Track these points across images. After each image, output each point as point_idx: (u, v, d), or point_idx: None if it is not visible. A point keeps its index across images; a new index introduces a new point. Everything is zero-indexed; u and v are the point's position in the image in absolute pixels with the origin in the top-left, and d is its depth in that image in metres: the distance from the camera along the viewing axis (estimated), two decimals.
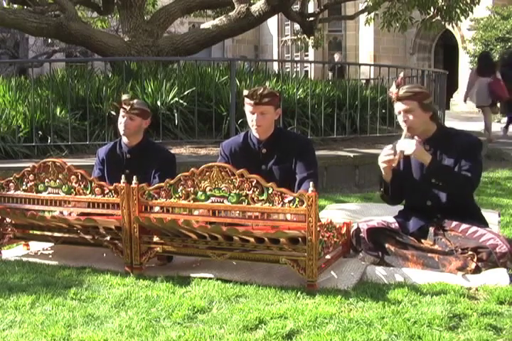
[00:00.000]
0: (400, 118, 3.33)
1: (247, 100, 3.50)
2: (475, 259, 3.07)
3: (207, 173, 3.03)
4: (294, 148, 3.55)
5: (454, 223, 3.29)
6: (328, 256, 3.20)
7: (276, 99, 3.55)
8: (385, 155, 3.29)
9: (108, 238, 3.35)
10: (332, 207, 4.80)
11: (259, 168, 3.47)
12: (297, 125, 6.94)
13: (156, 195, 3.16)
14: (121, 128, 3.84)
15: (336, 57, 13.77)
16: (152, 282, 3.06)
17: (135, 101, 3.86)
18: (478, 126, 10.96)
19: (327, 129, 7.27)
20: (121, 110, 3.83)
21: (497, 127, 12.42)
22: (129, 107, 3.78)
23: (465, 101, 9.88)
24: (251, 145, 3.62)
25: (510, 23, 14.82)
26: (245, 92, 3.51)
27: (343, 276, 3.06)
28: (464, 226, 3.26)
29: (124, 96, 3.87)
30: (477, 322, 2.46)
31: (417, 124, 3.29)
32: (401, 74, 9.12)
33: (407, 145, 3.23)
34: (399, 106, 3.30)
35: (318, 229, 2.90)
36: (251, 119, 3.52)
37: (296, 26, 14.49)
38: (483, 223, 3.39)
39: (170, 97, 6.91)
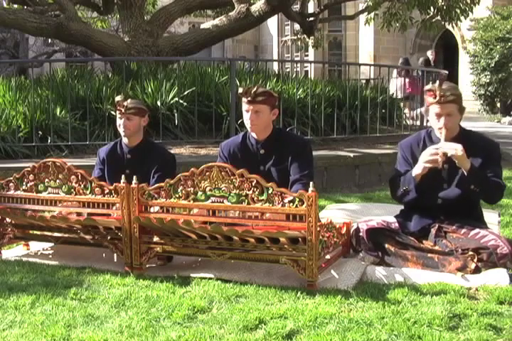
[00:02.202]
0: (439, 121, 3.22)
1: (243, 98, 3.51)
2: (475, 260, 3.07)
3: (207, 173, 3.03)
4: (292, 149, 3.54)
5: (457, 225, 3.29)
6: (328, 256, 3.19)
7: (272, 99, 3.53)
8: (430, 155, 3.19)
9: (108, 238, 3.35)
10: (332, 207, 4.80)
11: (257, 168, 3.47)
12: (297, 125, 6.94)
13: (156, 195, 3.16)
14: (121, 130, 3.84)
15: (429, 55, 13.50)
16: (152, 282, 3.06)
17: (129, 101, 3.84)
18: (478, 126, 10.96)
19: (327, 129, 7.27)
20: (117, 112, 3.83)
21: (497, 127, 12.43)
22: (124, 108, 3.78)
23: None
24: (249, 145, 3.62)
25: (510, 23, 14.82)
26: (240, 90, 3.51)
27: (343, 276, 3.06)
28: (467, 228, 3.26)
29: (118, 98, 3.86)
30: (477, 322, 2.45)
31: (455, 126, 3.27)
32: (445, 71, 9.19)
33: (454, 148, 3.14)
34: (440, 110, 3.20)
35: (318, 229, 2.90)
36: (246, 118, 3.52)
37: (296, 26, 14.49)
38: (484, 225, 3.39)
39: (170, 97, 6.91)
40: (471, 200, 3.35)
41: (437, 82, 3.27)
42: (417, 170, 3.25)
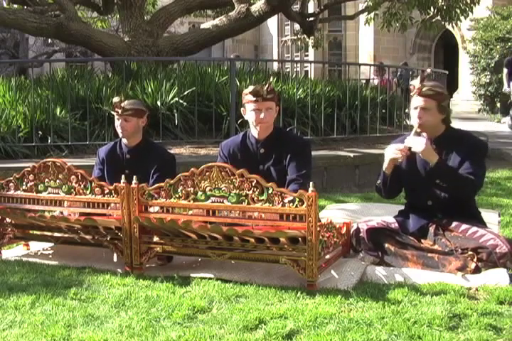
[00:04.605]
0: (414, 114, 3.29)
1: (250, 97, 3.48)
2: (475, 259, 3.07)
3: (207, 173, 3.03)
4: (291, 148, 3.54)
5: (455, 223, 3.29)
6: (328, 256, 3.19)
7: (276, 96, 3.58)
8: (394, 151, 3.26)
9: (108, 238, 3.35)
10: (332, 207, 4.80)
11: (257, 168, 3.47)
12: (297, 125, 6.94)
13: (156, 195, 3.16)
14: (118, 131, 3.85)
15: None
16: (152, 282, 3.06)
17: (126, 102, 3.83)
18: (477, 126, 10.97)
19: (327, 129, 7.27)
20: (115, 113, 3.83)
21: (497, 127, 12.43)
22: (121, 110, 3.77)
23: None
24: (249, 145, 3.62)
25: (510, 23, 14.82)
26: (250, 89, 3.49)
27: (343, 276, 3.06)
28: (465, 226, 3.26)
29: (115, 99, 3.85)
30: (477, 322, 2.45)
31: (430, 123, 3.28)
32: (428, 70, 9.34)
33: (417, 142, 3.21)
34: (417, 102, 3.26)
35: (318, 229, 2.90)
36: (255, 117, 3.50)
37: (296, 26, 14.50)
38: (482, 224, 3.39)
39: (170, 97, 6.91)
40: (463, 199, 3.35)
41: (418, 77, 3.32)
42: (384, 164, 3.35)
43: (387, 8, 10.14)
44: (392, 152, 3.28)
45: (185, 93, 7.01)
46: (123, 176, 3.25)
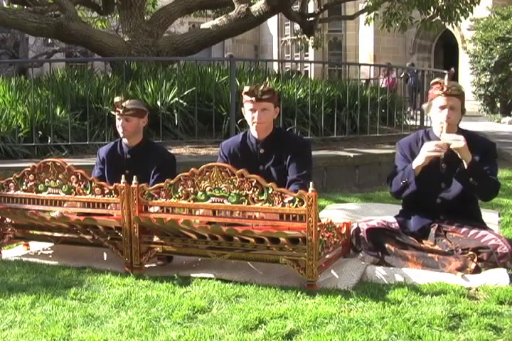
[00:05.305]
0: (442, 113, 3.23)
1: (246, 97, 3.49)
2: (475, 259, 3.07)
3: (207, 173, 3.03)
4: (291, 149, 3.54)
5: (456, 224, 3.29)
6: (328, 256, 3.19)
7: (275, 96, 3.56)
8: (433, 148, 3.19)
9: (108, 238, 3.35)
10: (332, 207, 4.80)
11: (257, 168, 3.46)
12: (297, 125, 6.94)
13: (156, 195, 3.16)
14: (119, 130, 3.85)
15: None
16: (152, 282, 3.05)
17: (127, 102, 3.82)
18: (477, 126, 10.97)
19: (327, 129, 7.27)
20: (116, 113, 3.83)
21: (497, 127, 12.44)
22: (123, 109, 3.77)
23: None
24: (249, 145, 3.61)
25: (510, 23, 14.84)
26: (246, 89, 3.49)
27: (343, 276, 3.06)
28: (466, 227, 3.26)
29: (116, 99, 3.85)
30: (477, 322, 2.45)
31: (455, 123, 3.27)
32: (452, 69, 9.40)
33: (456, 139, 3.16)
34: (446, 101, 3.22)
35: (318, 229, 2.90)
36: (251, 117, 3.50)
37: (296, 26, 14.51)
38: (483, 225, 3.39)
39: (170, 97, 6.91)
40: (469, 200, 3.35)
41: (446, 76, 3.31)
42: (417, 162, 3.25)
43: (387, 8, 10.15)
44: (431, 149, 3.20)
45: (185, 93, 7.01)
46: (123, 176, 3.25)
